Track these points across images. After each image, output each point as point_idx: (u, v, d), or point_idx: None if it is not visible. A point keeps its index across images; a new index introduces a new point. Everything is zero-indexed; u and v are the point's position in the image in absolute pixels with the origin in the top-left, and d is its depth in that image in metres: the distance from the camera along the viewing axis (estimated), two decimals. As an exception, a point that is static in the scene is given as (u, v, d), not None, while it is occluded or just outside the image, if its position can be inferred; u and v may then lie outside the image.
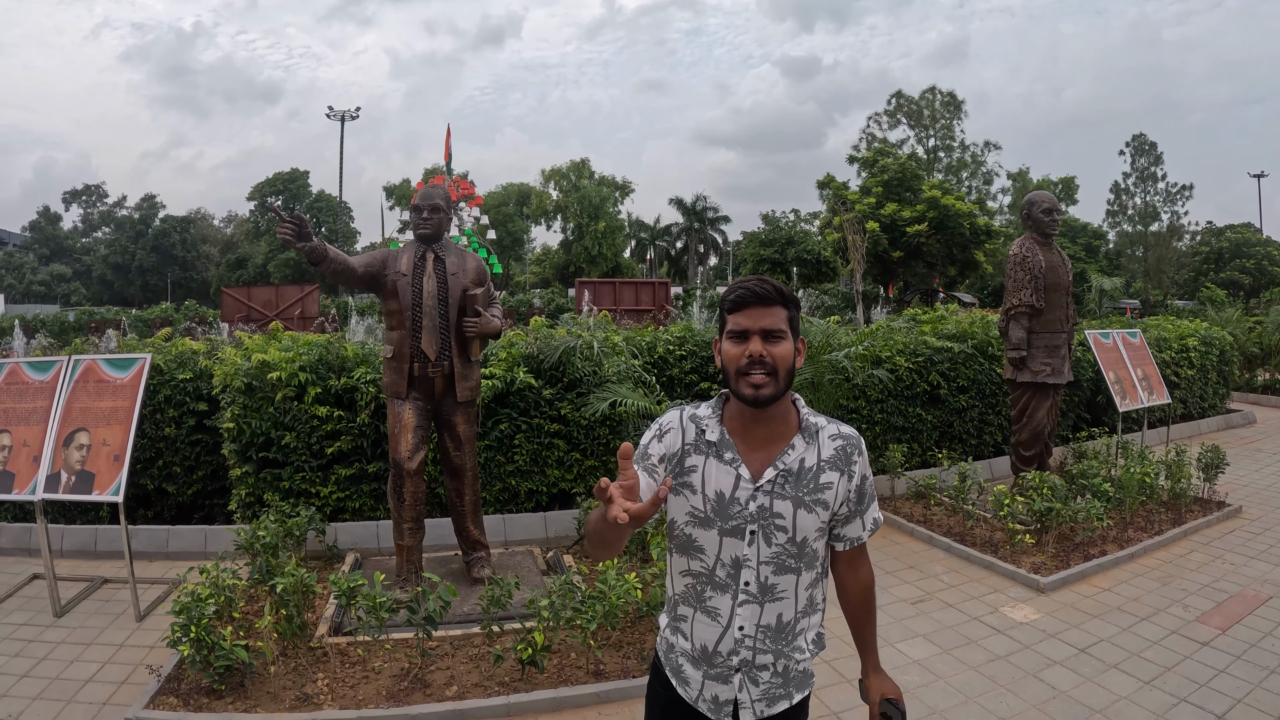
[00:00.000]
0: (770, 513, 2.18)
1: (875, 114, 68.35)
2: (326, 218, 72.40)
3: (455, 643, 5.12)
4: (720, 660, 2.24)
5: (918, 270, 43.07)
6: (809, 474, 2.20)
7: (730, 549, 2.20)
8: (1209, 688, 4.69)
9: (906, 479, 8.39)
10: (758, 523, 2.18)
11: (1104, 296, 30.29)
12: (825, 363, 7.14)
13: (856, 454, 2.27)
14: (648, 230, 73.75)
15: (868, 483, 2.30)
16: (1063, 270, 7.71)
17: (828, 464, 2.22)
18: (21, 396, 6.24)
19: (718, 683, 2.26)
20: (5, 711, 4.58)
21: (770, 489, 2.18)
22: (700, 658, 2.28)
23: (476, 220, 29.04)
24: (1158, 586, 6.23)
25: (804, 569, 2.23)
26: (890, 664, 4.97)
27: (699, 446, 2.25)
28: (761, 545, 2.19)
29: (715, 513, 2.20)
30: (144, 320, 34.39)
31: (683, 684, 2.32)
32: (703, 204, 71.99)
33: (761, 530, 2.18)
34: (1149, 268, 59.09)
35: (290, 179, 77.01)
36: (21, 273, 74.49)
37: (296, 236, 5.01)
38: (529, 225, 70.34)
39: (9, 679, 4.96)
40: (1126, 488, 7.46)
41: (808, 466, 2.21)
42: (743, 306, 2.19)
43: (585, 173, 62.60)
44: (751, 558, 2.20)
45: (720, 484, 2.20)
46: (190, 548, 7.09)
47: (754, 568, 2.20)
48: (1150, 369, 10.05)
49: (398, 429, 5.63)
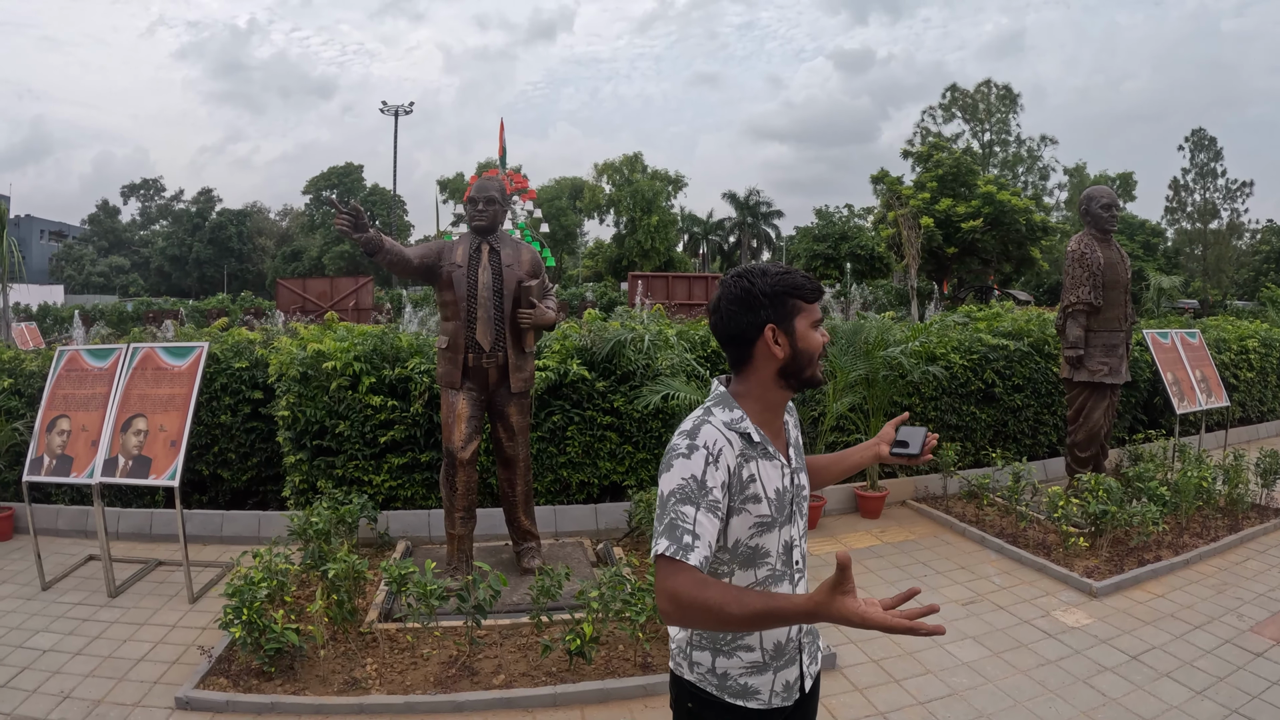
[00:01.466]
0: (800, 486, 2.28)
1: (930, 108, 67.35)
2: (380, 211, 72.94)
3: (504, 632, 5.14)
4: (791, 647, 2.21)
5: (972, 267, 42.61)
6: (793, 437, 2.34)
7: (785, 536, 2.19)
8: (1261, 699, 4.58)
9: (959, 478, 8.29)
10: (798, 498, 2.26)
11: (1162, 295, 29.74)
12: (880, 359, 7.08)
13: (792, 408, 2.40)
14: (700, 224, 73.44)
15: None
16: (1121, 268, 7.58)
17: (792, 421, 2.38)
18: (81, 383, 6.37)
19: (787, 668, 2.21)
20: (58, 688, 4.69)
21: (795, 465, 2.27)
22: (772, 657, 2.18)
23: (530, 214, 29.12)
24: (1212, 594, 6.09)
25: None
26: (939, 666, 4.95)
27: (747, 453, 2.12)
28: (798, 520, 2.26)
29: (777, 510, 2.15)
30: (201, 311, 35.04)
31: (751, 697, 2.18)
32: (755, 198, 71.54)
33: (797, 506, 2.25)
34: (1208, 266, 57.75)
35: (345, 173, 77.74)
36: (81, 264, 75.94)
37: (353, 227, 5.05)
38: (582, 219, 70.41)
39: (62, 656, 5.08)
40: (1183, 492, 7.29)
41: (793, 433, 2.34)
42: (817, 297, 2.23)
43: (638, 167, 62.52)
44: (797, 535, 2.25)
45: (775, 481, 2.16)
46: (244, 532, 7.21)
47: (799, 543, 2.25)
48: (1209, 370, 9.84)
49: (451, 419, 5.67)
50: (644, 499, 6.59)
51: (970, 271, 43.09)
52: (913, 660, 5.02)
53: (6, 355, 8.48)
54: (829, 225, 51.75)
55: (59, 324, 32.10)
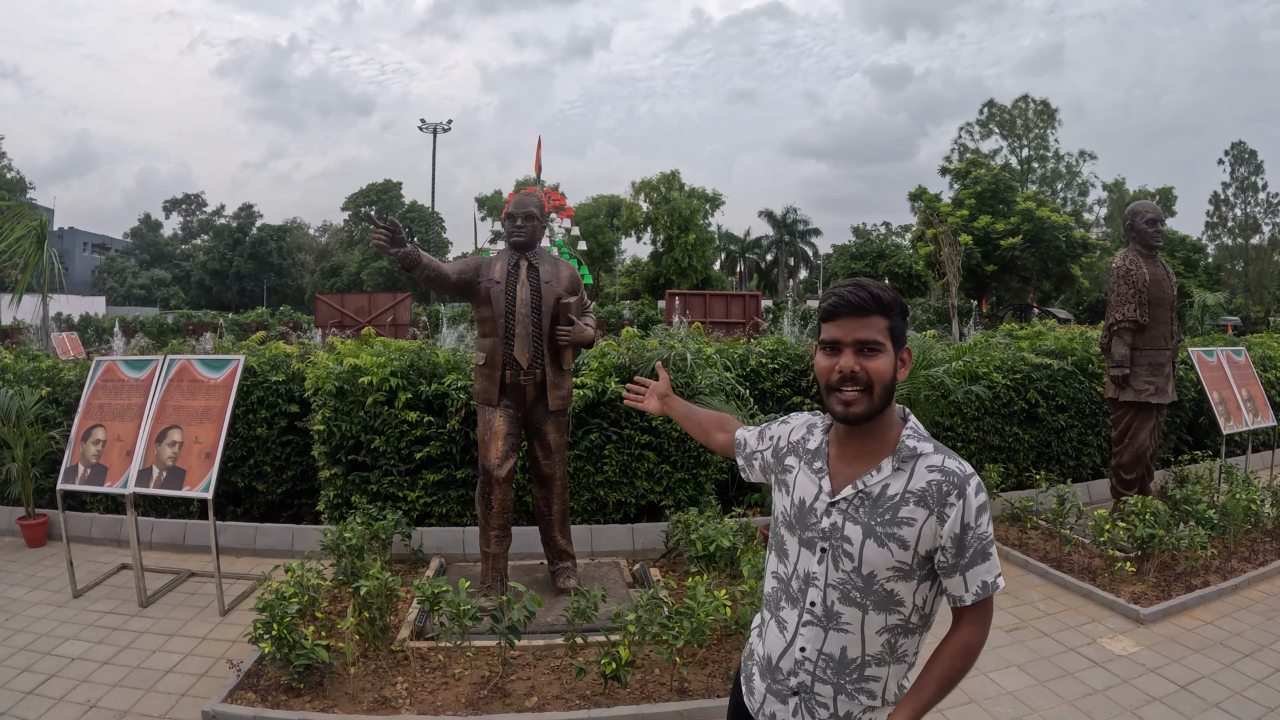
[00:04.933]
0: (840, 534, 2.03)
1: (967, 124, 67.20)
2: (419, 228, 73.59)
3: (538, 653, 5.07)
4: (781, 677, 2.14)
5: (1011, 285, 42.26)
6: (889, 502, 2.00)
7: (804, 562, 2.10)
8: (1318, 731, 4.42)
9: (1002, 500, 8.14)
10: (829, 541, 2.05)
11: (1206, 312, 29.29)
12: (922, 378, 6.97)
13: (955, 495, 1.97)
14: (737, 243, 73.40)
15: (971, 534, 1.98)
16: (1167, 284, 7.42)
17: (914, 497, 1.99)
18: (117, 393, 6.42)
19: (777, 700, 2.16)
20: (85, 697, 4.69)
21: (845, 508, 2.04)
22: (766, 669, 2.19)
23: (567, 231, 29.17)
24: (1262, 621, 5.91)
25: (872, 608, 2.02)
26: (983, 694, 4.82)
27: (798, 450, 2.21)
28: (830, 567, 2.05)
29: (797, 520, 2.13)
30: (240, 324, 35.50)
31: (750, 693, 2.27)
32: (792, 216, 71.48)
33: (830, 550, 2.05)
34: (1249, 283, 56.90)
35: (384, 190, 78.60)
36: (123, 276, 77.15)
37: (390, 242, 5.02)
38: (619, 237, 70.45)
39: (91, 665, 5.08)
40: (1231, 515, 7.11)
41: (890, 494, 2.01)
42: (835, 315, 2.05)
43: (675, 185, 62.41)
44: (820, 577, 2.06)
45: (805, 491, 2.13)
46: (277, 545, 7.21)
47: (820, 588, 2.06)
48: (1256, 389, 9.64)
49: (488, 436, 5.62)
50: (681, 519, 6.50)
51: (1009, 289, 42.73)
52: (956, 689, 4.89)
53: (45, 364, 8.57)
54: (867, 243, 51.67)
55: (100, 334, 32.56)
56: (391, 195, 78.49)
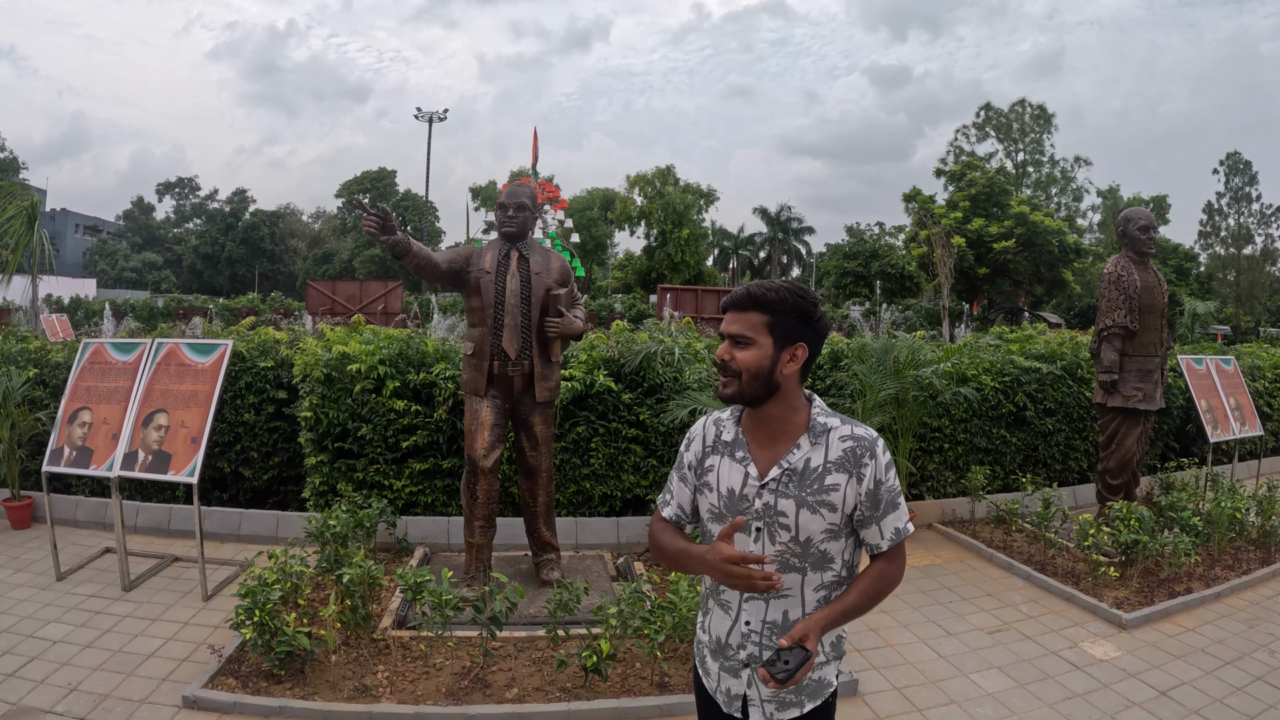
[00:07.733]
0: (774, 510, 2.24)
1: (963, 126, 67.17)
2: (412, 216, 73.43)
3: (519, 644, 5.07)
4: (731, 653, 2.33)
5: (1003, 288, 42.28)
6: (813, 474, 2.23)
7: (738, 544, 2.25)
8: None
9: (988, 502, 8.15)
10: (763, 520, 2.25)
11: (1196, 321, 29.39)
12: (910, 379, 6.97)
13: (868, 456, 2.23)
14: (731, 239, 73.49)
15: (884, 488, 2.25)
16: (1158, 291, 7.44)
17: (834, 465, 2.23)
18: (104, 376, 6.38)
19: (730, 676, 2.34)
20: (65, 680, 4.67)
21: (775, 487, 2.24)
22: (716, 650, 2.38)
23: (560, 223, 29.13)
24: (1244, 629, 5.93)
25: (810, 569, 2.25)
26: (964, 696, 4.83)
27: (716, 447, 2.39)
28: (766, 542, 2.25)
29: (727, 508, 2.31)
30: (230, 309, 35.43)
31: (705, 674, 2.44)
32: (787, 214, 71.62)
33: (766, 528, 2.25)
34: (1241, 292, 57.06)
35: (378, 178, 78.37)
36: (114, 259, 76.91)
37: (381, 229, 5.00)
38: (613, 230, 70.48)
39: (72, 648, 5.07)
40: (1216, 523, 7.12)
41: (813, 467, 2.24)
42: (724, 310, 2.34)
43: (670, 180, 62.42)
44: (756, 553, 2.24)
45: (731, 481, 2.31)
46: (262, 532, 7.19)
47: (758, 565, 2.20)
48: (1243, 398, 9.65)
49: (474, 426, 5.62)
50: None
51: (1001, 293, 42.76)
52: (937, 690, 4.91)
53: (33, 345, 8.54)
54: (860, 243, 51.62)
55: (89, 317, 32.39)
56: (386, 183, 78.24)
